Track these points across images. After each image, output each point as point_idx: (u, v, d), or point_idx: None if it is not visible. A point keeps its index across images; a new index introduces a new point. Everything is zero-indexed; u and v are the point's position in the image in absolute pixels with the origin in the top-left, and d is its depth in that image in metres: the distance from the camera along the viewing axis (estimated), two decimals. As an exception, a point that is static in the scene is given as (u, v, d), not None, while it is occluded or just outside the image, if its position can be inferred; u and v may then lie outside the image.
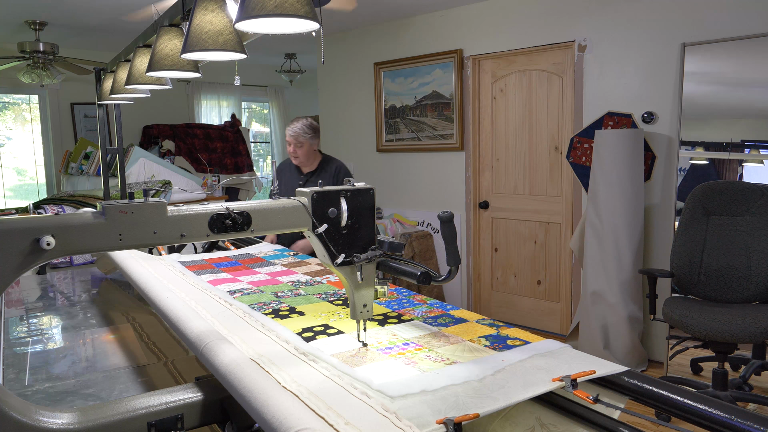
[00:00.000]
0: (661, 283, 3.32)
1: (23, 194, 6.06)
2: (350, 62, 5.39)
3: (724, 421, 0.89)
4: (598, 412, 1.00)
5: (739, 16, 3.25)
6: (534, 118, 4.23)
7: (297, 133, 3.09)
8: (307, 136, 3.11)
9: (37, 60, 4.63)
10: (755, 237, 2.96)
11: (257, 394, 0.93)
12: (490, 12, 4.35)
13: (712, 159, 3.49)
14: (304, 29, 1.25)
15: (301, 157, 3.13)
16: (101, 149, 2.96)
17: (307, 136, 3.11)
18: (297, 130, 3.09)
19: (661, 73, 3.57)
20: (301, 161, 3.16)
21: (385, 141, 5.19)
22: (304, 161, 3.16)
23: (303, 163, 3.16)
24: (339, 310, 1.52)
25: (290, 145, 3.14)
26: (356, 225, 1.14)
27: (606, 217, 3.51)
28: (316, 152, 3.21)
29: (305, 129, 3.11)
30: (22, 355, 1.49)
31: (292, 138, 3.11)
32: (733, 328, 2.68)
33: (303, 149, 3.11)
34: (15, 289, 2.23)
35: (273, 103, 7.44)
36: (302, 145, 3.11)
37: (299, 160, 3.15)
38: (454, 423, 0.86)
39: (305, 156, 3.14)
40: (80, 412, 0.96)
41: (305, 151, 3.13)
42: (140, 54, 1.98)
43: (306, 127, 3.12)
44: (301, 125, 3.11)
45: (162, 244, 1.00)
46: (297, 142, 3.11)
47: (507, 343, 1.25)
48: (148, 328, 1.72)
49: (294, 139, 3.11)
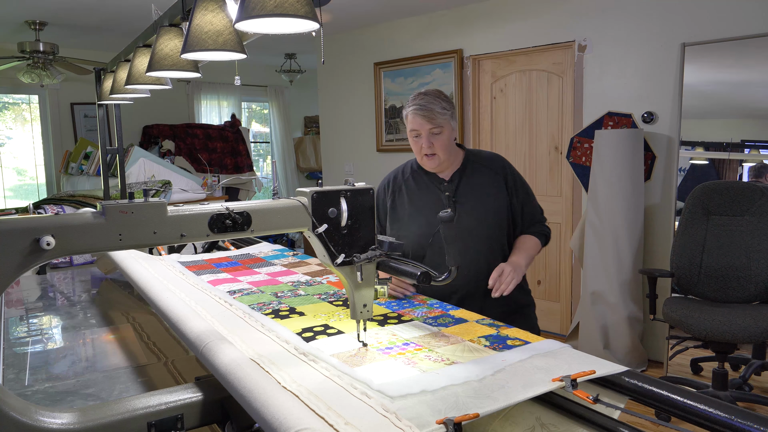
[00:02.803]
0: (661, 283, 3.32)
1: (23, 194, 6.06)
2: (350, 62, 5.39)
3: (724, 421, 0.89)
4: (598, 412, 1.00)
5: (739, 16, 3.25)
6: (534, 118, 4.23)
7: (430, 109, 1.76)
8: (447, 113, 1.79)
9: (37, 60, 4.63)
10: (755, 237, 2.96)
11: (257, 394, 0.93)
12: (490, 12, 4.35)
13: (712, 159, 3.49)
14: (304, 29, 1.25)
15: (441, 152, 1.81)
16: (101, 149, 2.95)
17: (446, 114, 1.79)
18: (430, 105, 1.77)
19: (661, 73, 3.57)
20: (440, 161, 1.84)
21: (385, 141, 5.19)
22: (444, 159, 1.84)
23: (442, 163, 1.85)
24: (339, 310, 1.52)
25: (419, 136, 1.81)
26: (356, 225, 1.14)
27: (606, 217, 3.51)
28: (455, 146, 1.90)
29: (442, 103, 1.79)
30: (22, 355, 1.49)
31: (425, 118, 1.77)
32: (733, 328, 2.68)
33: (442, 138, 1.79)
34: (15, 289, 2.23)
35: (273, 103, 7.44)
36: (441, 129, 1.78)
37: (437, 159, 1.83)
38: (454, 423, 0.86)
39: (445, 149, 1.82)
40: (80, 412, 0.96)
41: (445, 142, 1.80)
42: (140, 54, 1.98)
43: (442, 100, 1.81)
44: (433, 98, 1.79)
45: (162, 244, 1.00)
46: (433, 126, 1.77)
47: (507, 343, 1.25)
48: (148, 328, 1.72)
49: (427, 120, 1.77)
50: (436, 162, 1.84)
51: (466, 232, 1.84)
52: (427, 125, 1.78)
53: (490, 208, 1.88)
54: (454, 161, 1.90)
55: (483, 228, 1.87)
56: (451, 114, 1.81)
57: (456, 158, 1.90)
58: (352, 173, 5.49)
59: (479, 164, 1.91)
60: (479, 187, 1.89)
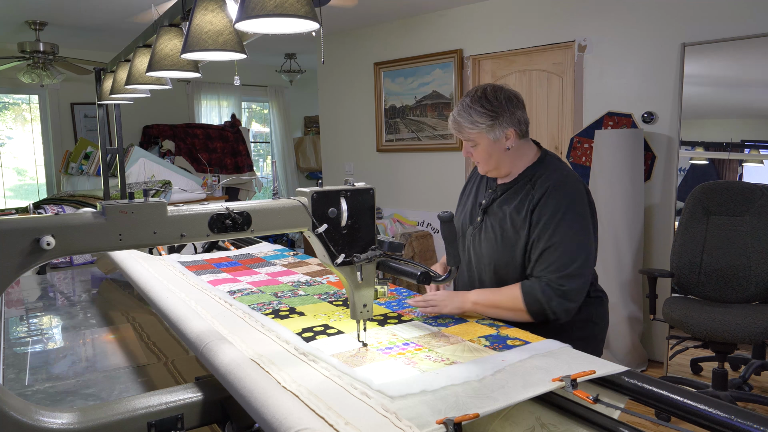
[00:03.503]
0: (661, 283, 3.32)
1: (23, 194, 6.06)
2: (350, 62, 5.39)
3: (724, 421, 0.89)
4: (598, 412, 1.00)
5: (739, 16, 3.25)
6: (534, 118, 4.23)
7: (458, 122, 1.62)
8: (481, 126, 1.58)
9: (37, 60, 4.63)
10: (755, 237, 2.96)
11: (257, 394, 0.93)
12: (490, 12, 4.35)
13: (712, 159, 3.49)
14: (304, 29, 1.25)
15: (482, 163, 1.67)
16: (101, 149, 2.95)
17: (479, 127, 1.59)
18: (459, 117, 1.61)
19: (661, 73, 3.57)
20: (486, 170, 1.69)
21: (385, 141, 5.19)
22: (491, 169, 1.67)
23: (490, 171, 1.69)
24: (339, 310, 1.52)
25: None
26: (356, 225, 1.14)
27: (606, 217, 3.51)
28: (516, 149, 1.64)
29: (475, 115, 1.58)
30: (22, 355, 1.49)
31: (456, 130, 1.66)
32: (733, 328, 2.68)
33: (479, 150, 1.63)
34: (15, 289, 2.23)
35: (273, 103, 7.44)
36: (474, 143, 1.63)
37: (483, 167, 1.69)
38: (454, 423, 0.86)
39: (486, 161, 1.65)
40: (80, 412, 0.96)
41: (483, 154, 1.64)
42: (140, 54, 1.98)
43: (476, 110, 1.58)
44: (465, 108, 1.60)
45: (162, 244, 1.00)
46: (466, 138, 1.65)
47: (507, 343, 1.25)
48: (148, 328, 1.72)
49: (458, 132, 1.65)
50: (482, 169, 1.69)
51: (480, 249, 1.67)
52: (461, 137, 1.65)
53: (507, 232, 1.60)
54: (514, 170, 1.65)
55: (492, 251, 1.63)
56: (487, 126, 1.56)
57: (517, 167, 1.65)
58: (352, 173, 5.49)
59: (530, 181, 1.62)
60: (512, 207, 1.61)
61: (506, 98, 1.60)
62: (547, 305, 1.46)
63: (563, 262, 1.48)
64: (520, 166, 1.65)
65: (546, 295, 1.46)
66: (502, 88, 1.62)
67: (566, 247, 1.50)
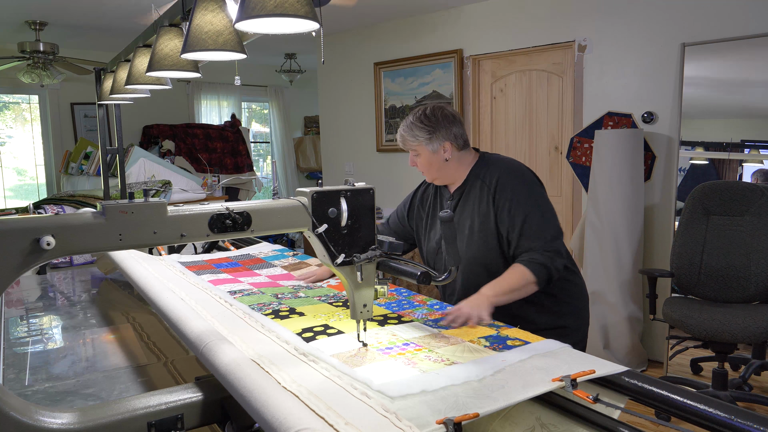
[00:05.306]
0: (661, 283, 3.32)
1: (23, 194, 6.06)
2: (350, 62, 5.39)
3: (724, 421, 0.89)
4: (598, 412, 1.00)
5: (739, 16, 3.25)
6: (534, 118, 4.23)
7: (403, 136, 1.83)
8: (420, 139, 1.78)
9: (37, 60, 4.63)
10: (755, 237, 2.96)
11: (257, 394, 0.93)
12: (490, 12, 4.35)
13: (712, 159, 3.49)
14: (304, 29, 1.25)
15: (425, 171, 1.86)
16: (101, 149, 2.95)
17: (419, 140, 1.79)
18: (404, 132, 1.82)
19: (661, 73, 3.57)
20: (431, 178, 1.88)
21: (385, 141, 5.19)
22: (435, 177, 1.86)
23: (436, 179, 1.88)
24: (339, 310, 1.52)
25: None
26: (356, 225, 1.14)
27: (606, 217, 3.51)
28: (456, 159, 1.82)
29: (416, 130, 1.79)
30: (22, 355, 1.49)
31: (402, 144, 1.86)
32: (733, 328, 2.68)
33: (421, 160, 1.82)
34: (15, 289, 2.23)
35: (273, 103, 7.44)
36: (416, 153, 1.82)
37: (428, 176, 1.88)
38: (454, 423, 0.86)
39: (428, 169, 1.84)
40: (80, 412, 0.96)
41: (424, 163, 1.82)
42: (140, 54, 1.98)
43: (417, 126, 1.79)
44: (408, 125, 1.81)
45: (162, 244, 1.00)
46: (410, 149, 1.84)
47: (507, 343, 1.25)
48: (148, 328, 1.72)
49: (404, 145, 1.86)
50: (429, 177, 1.88)
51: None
52: (405, 148, 1.85)
53: (476, 227, 1.76)
54: (458, 176, 1.84)
55: (471, 249, 1.77)
56: (426, 139, 1.76)
57: (460, 173, 1.83)
58: (352, 173, 5.49)
59: (480, 177, 1.80)
60: (472, 204, 1.79)
61: (443, 116, 1.79)
62: (552, 267, 1.64)
63: (544, 228, 1.69)
64: (466, 171, 1.84)
65: (547, 259, 1.64)
66: (442, 108, 1.82)
67: (539, 217, 1.70)
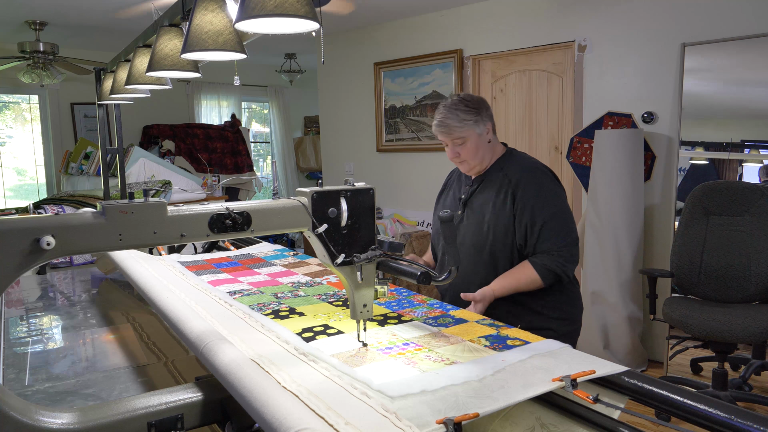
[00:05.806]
0: (661, 283, 3.32)
1: (23, 194, 6.06)
2: (350, 62, 5.39)
3: (724, 421, 0.89)
4: (598, 412, 1.00)
5: (739, 16, 3.25)
6: (534, 118, 4.23)
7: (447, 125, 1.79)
8: (468, 122, 1.77)
9: (37, 60, 4.63)
10: (755, 237, 2.96)
11: (257, 394, 0.93)
12: (490, 12, 4.35)
13: (712, 159, 3.49)
14: (304, 29, 1.25)
15: (469, 158, 1.83)
16: (101, 149, 2.95)
17: (466, 124, 1.77)
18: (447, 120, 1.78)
19: (661, 73, 3.57)
20: (470, 166, 1.86)
21: (385, 141, 5.19)
22: (476, 164, 1.85)
23: (474, 167, 1.86)
24: (339, 310, 1.52)
25: (447, 145, 1.86)
26: (356, 225, 1.14)
27: (606, 217, 3.51)
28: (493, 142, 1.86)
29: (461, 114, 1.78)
30: (22, 355, 1.49)
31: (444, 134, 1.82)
32: (733, 328, 2.68)
33: (467, 147, 1.80)
34: (15, 289, 2.23)
35: (273, 103, 7.44)
36: (463, 140, 1.79)
37: (467, 165, 1.86)
38: (454, 423, 0.86)
39: (474, 155, 1.82)
40: (80, 412, 0.96)
41: (471, 149, 1.80)
42: (140, 54, 1.98)
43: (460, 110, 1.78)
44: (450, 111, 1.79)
45: (162, 244, 1.00)
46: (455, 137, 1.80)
47: (507, 343, 1.25)
48: (148, 328, 1.72)
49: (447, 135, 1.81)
50: (467, 167, 1.88)
51: (463, 237, 1.83)
52: (448, 139, 1.83)
53: (490, 220, 1.79)
54: (487, 162, 1.87)
55: (480, 239, 1.80)
56: (473, 121, 1.78)
57: (491, 159, 1.87)
58: (352, 173, 5.49)
59: (502, 170, 1.83)
60: (488, 196, 1.83)
61: (479, 99, 1.84)
62: (562, 272, 1.72)
63: (563, 232, 1.73)
64: (493, 159, 1.87)
65: (559, 265, 1.71)
66: (471, 94, 1.86)
67: (559, 220, 1.74)
